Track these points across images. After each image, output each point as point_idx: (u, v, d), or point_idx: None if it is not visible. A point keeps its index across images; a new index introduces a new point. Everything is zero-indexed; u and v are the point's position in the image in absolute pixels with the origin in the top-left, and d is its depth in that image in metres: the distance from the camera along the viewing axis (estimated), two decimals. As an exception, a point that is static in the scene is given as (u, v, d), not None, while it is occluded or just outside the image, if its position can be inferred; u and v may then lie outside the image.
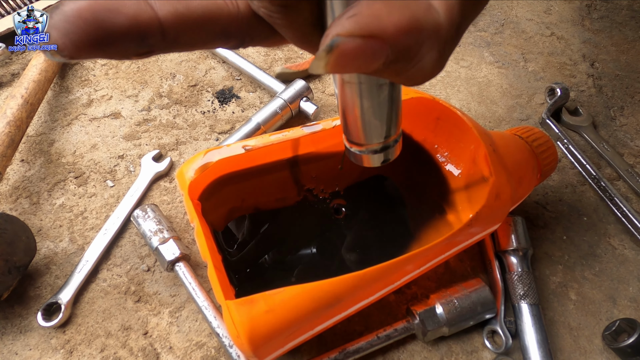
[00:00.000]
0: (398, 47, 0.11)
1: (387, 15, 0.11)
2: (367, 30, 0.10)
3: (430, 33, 0.12)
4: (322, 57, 0.11)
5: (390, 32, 0.11)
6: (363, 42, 0.10)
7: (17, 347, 0.29)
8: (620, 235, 0.36)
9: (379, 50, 0.11)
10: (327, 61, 0.11)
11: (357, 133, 0.17)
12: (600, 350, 0.30)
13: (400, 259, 0.24)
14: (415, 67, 0.12)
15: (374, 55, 0.11)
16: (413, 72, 0.12)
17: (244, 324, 0.21)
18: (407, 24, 0.11)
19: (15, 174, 0.38)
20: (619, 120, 0.45)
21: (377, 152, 0.18)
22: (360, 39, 0.10)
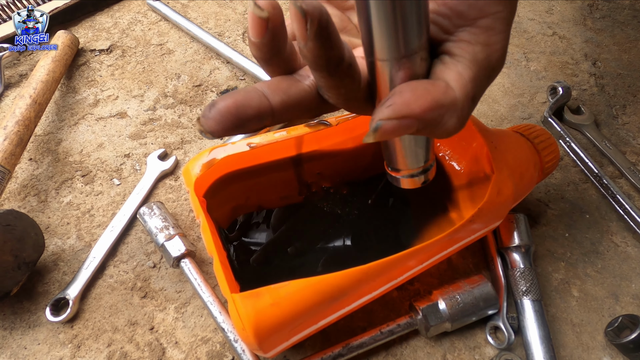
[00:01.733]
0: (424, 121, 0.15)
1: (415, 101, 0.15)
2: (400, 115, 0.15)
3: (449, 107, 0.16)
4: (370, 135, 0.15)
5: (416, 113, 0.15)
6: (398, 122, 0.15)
7: (25, 342, 0.30)
8: (622, 232, 0.36)
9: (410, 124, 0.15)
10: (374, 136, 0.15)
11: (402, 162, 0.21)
12: (602, 346, 0.30)
13: (403, 254, 0.24)
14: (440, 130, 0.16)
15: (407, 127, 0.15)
16: (439, 133, 0.17)
17: (250, 316, 0.21)
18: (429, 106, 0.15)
19: (23, 172, 0.39)
20: (621, 119, 0.45)
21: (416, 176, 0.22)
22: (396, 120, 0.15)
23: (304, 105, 0.18)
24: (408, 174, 0.22)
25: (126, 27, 0.52)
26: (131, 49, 0.50)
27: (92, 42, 0.50)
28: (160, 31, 0.52)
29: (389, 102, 0.15)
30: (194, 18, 0.54)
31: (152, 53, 0.49)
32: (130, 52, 0.49)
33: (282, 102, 0.18)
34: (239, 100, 0.16)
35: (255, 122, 0.17)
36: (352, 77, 0.16)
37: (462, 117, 0.17)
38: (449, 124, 0.16)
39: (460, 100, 0.16)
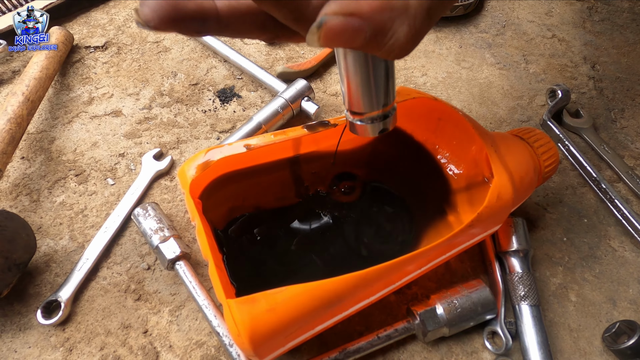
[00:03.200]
0: (373, 23, 0.14)
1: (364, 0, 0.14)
2: (347, 10, 0.14)
3: (400, 11, 0.15)
4: (314, 32, 0.14)
5: (365, 11, 0.14)
6: (345, 20, 0.14)
7: (16, 345, 0.29)
8: (620, 237, 0.36)
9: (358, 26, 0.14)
10: (318, 36, 0.14)
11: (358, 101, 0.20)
12: (600, 351, 0.30)
13: (401, 259, 0.24)
14: (391, 40, 0.15)
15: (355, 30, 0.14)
16: (390, 44, 0.15)
17: (245, 322, 0.21)
18: (379, 4, 0.14)
19: (15, 171, 0.38)
20: (619, 123, 0.45)
21: (375, 121, 0.21)
22: (342, 16, 0.14)
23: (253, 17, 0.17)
24: (368, 117, 0.21)
25: (122, 24, 0.51)
26: (127, 46, 0.49)
27: (87, 39, 0.49)
28: (156, 28, 0.51)
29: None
30: (191, 15, 0.53)
31: (148, 51, 0.49)
32: (126, 50, 0.49)
33: (228, 7, 0.16)
34: None
35: (196, 21, 0.16)
36: None
37: (414, 27, 0.16)
38: (399, 32, 0.15)
39: (413, 6, 0.15)
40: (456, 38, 0.52)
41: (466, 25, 0.54)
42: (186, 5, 0.15)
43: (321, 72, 0.47)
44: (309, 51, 0.49)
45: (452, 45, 0.51)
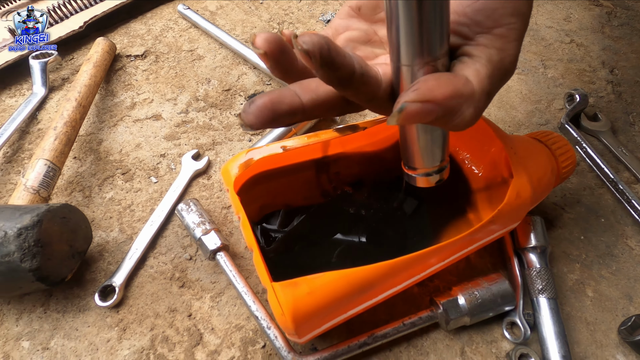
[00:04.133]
0: (445, 108, 0.17)
1: (437, 88, 0.17)
2: (424, 98, 0.17)
3: (467, 98, 0.18)
4: (395, 115, 0.17)
5: (439, 99, 0.17)
6: (421, 105, 0.17)
7: (77, 324, 0.32)
8: (637, 236, 0.37)
9: (432, 110, 0.17)
10: (398, 118, 0.17)
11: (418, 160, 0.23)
12: (616, 344, 0.32)
13: (425, 252, 0.26)
14: (458, 119, 0.18)
15: (429, 113, 0.17)
16: (457, 122, 0.19)
17: (289, 303, 0.23)
18: (449, 94, 0.17)
19: (69, 170, 0.42)
20: (637, 126, 0.46)
21: (432, 175, 0.24)
22: (420, 103, 0.17)
23: (330, 104, 0.21)
24: (424, 172, 0.24)
25: (159, 34, 0.55)
26: (164, 55, 0.53)
27: (128, 48, 0.53)
28: (190, 38, 0.55)
29: (414, 87, 0.17)
30: (222, 25, 0.56)
31: (184, 59, 0.52)
32: (163, 58, 0.52)
33: (311, 100, 0.20)
34: (274, 97, 0.19)
35: (288, 117, 0.20)
36: (367, 83, 0.19)
37: (478, 108, 0.19)
38: (466, 113, 0.18)
39: (477, 93, 0.18)
40: (475, 44, 0.54)
41: (485, 31, 0.56)
42: (281, 107, 0.19)
43: (345, 77, 0.50)
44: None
45: (471, 51, 0.53)
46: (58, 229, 0.31)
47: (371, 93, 0.19)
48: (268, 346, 0.31)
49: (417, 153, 0.23)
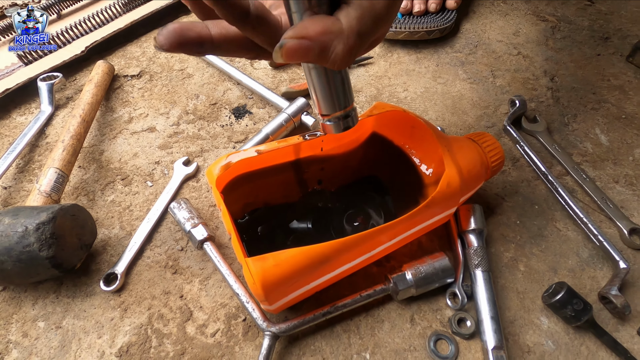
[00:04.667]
0: (318, 43, 0.20)
1: (311, 26, 0.20)
2: (299, 34, 0.20)
3: (336, 34, 0.21)
4: (277, 51, 0.20)
5: (312, 34, 0.20)
6: (298, 42, 0.20)
7: (85, 306, 0.38)
8: (564, 220, 0.44)
9: (307, 45, 0.20)
10: (280, 53, 0.20)
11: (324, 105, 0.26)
12: (540, 308, 0.38)
13: (373, 230, 0.32)
14: (332, 54, 0.21)
15: (306, 48, 0.20)
16: (332, 58, 0.21)
17: (258, 274, 0.29)
18: (320, 29, 0.20)
19: (74, 177, 0.48)
20: (571, 126, 0.52)
21: (340, 120, 0.26)
22: (296, 39, 0.20)
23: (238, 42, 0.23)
24: (334, 117, 0.26)
25: (152, 56, 0.62)
26: (157, 74, 0.59)
27: (125, 69, 0.60)
28: (181, 58, 0.62)
29: (293, 27, 0.20)
30: None
31: (175, 77, 0.59)
32: (157, 77, 0.59)
33: (219, 34, 0.23)
34: (185, 25, 0.22)
35: (196, 45, 0.22)
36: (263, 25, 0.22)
37: (348, 45, 0.21)
38: (337, 48, 0.21)
39: (345, 30, 0.21)
40: (434, 58, 0.61)
41: (443, 46, 0.63)
42: (188, 33, 0.22)
43: (318, 90, 0.56)
44: (308, 73, 0.59)
45: (430, 64, 0.60)
46: (69, 224, 0.36)
47: (271, 35, 0.22)
48: (248, 319, 0.37)
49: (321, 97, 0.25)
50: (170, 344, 0.36)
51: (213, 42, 0.23)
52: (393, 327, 0.37)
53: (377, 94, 0.56)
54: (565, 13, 0.69)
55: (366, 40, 0.22)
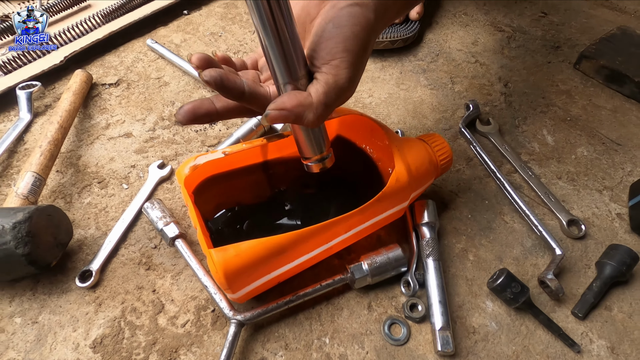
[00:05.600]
0: (294, 113, 0.27)
1: (288, 101, 0.27)
2: (279, 107, 0.27)
3: (307, 106, 0.28)
4: (264, 118, 0.27)
5: (288, 107, 0.27)
6: (278, 112, 0.27)
7: (60, 302, 0.40)
8: (511, 213, 0.48)
9: (286, 114, 0.27)
10: (265, 119, 0.27)
11: (306, 152, 0.34)
12: (486, 293, 0.41)
13: (328, 222, 0.35)
14: (306, 120, 0.28)
15: (285, 117, 0.27)
16: (306, 122, 0.28)
17: (221, 263, 0.32)
18: (295, 103, 0.27)
19: (52, 181, 0.50)
20: (521, 128, 0.57)
21: (318, 162, 0.34)
22: (277, 110, 0.27)
23: (237, 109, 0.32)
24: (314, 160, 0.34)
25: (130, 65, 0.64)
26: (135, 82, 0.62)
27: (103, 78, 0.62)
28: (158, 67, 0.64)
29: (275, 100, 0.27)
30: (185, 56, 0.66)
31: (152, 85, 0.61)
32: (134, 85, 0.61)
33: (222, 107, 0.31)
34: (196, 104, 0.30)
35: (206, 117, 0.31)
36: (256, 98, 0.29)
37: (317, 114, 0.28)
38: (309, 116, 0.28)
39: (315, 103, 0.28)
40: (397, 66, 0.65)
41: (407, 55, 0.67)
42: (199, 111, 0.30)
43: (288, 97, 0.60)
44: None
45: (393, 72, 0.64)
46: (45, 223, 0.39)
47: (261, 104, 0.30)
48: (217, 310, 0.40)
49: (305, 147, 0.33)
50: (143, 335, 0.38)
51: (218, 113, 0.31)
52: (351, 313, 0.40)
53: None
54: (520, 24, 0.74)
55: (332, 107, 0.29)
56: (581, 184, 0.51)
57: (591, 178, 0.51)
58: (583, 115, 0.59)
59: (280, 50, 0.27)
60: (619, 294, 0.42)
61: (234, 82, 0.27)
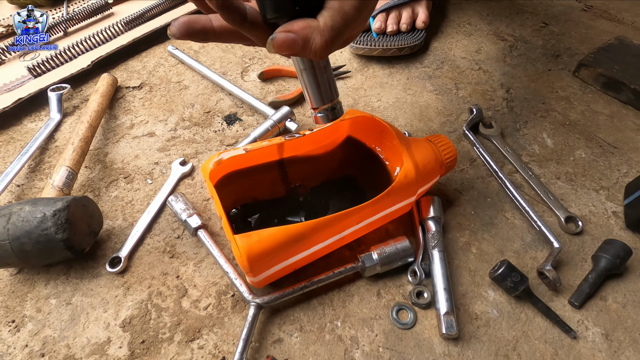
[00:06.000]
0: (300, 35, 0.26)
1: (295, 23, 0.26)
2: (286, 29, 0.26)
3: (314, 28, 0.26)
4: (269, 43, 0.25)
5: (295, 29, 0.26)
6: (285, 35, 0.25)
7: (92, 286, 0.43)
8: (512, 210, 0.50)
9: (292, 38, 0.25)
10: (271, 45, 0.25)
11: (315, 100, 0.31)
12: (488, 283, 0.44)
13: (341, 213, 0.38)
14: (313, 45, 0.26)
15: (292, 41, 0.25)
16: (313, 48, 0.26)
17: (244, 248, 0.35)
18: (302, 25, 0.26)
19: (81, 176, 0.53)
20: (522, 131, 0.60)
21: (328, 112, 0.32)
22: (284, 33, 0.25)
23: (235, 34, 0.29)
24: (322, 109, 0.31)
25: (152, 69, 0.68)
26: (157, 86, 0.66)
27: (127, 81, 0.66)
28: (178, 72, 0.68)
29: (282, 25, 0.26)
30: (204, 61, 0.70)
31: (172, 88, 0.65)
32: (156, 88, 0.65)
33: (220, 26, 0.29)
34: (193, 17, 0.28)
35: (201, 34, 0.28)
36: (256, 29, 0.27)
37: (324, 37, 0.26)
38: (317, 40, 0.26)
39: (322, 26, 0.26)
40: (405, 72, 0.69)
41: (413, 62, 0.71)
42: (195, 25, 0.27)
43: (301, 100, 0.63)
44: (293, 85, 0.66)
45: (401, 78, 0.68)
46: (80, 213, 0.42)
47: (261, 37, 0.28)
48: (236, 295, 0.43)
49: (310, 92, 0.31)
50: (168, 316, 0.41)
51: (215, 32, 0.28)
52: (362, 300, 0.42)
53: (354, 103, 0.64)
54: (522, 33, 0.78)
55: (339, 35, 0.28)
56: (579, 184, 0.53)
57: (588, 178, 0.54)
58: (581, 120, 0.62)
59: None
60: (613, 286, 0.44)
61: (236, 4, 0.26)
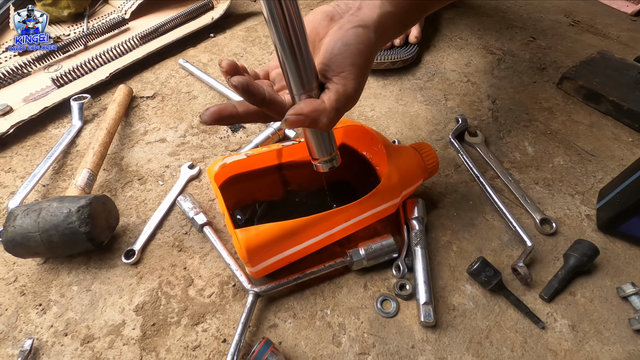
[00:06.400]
0: (309, 117, 0.31)
1: (305, 107, 0.31)
2: (297, 112, 0.31)
3: (322, 111, 0.32)
4: (283, 122, 0.31)
5: (305, 112, 0.31)
6: (296, 116, 0.31)
7: (109, 275, 0.48)
8: (492, 212, 0.55)
9: (303, 119, 0.31)
10: (284, 124, 0.31)
11: (315, 153, 0.38)
12: (466, 278, 0.48)
13: (329, 212, 0.43)
14: (320, 123, 0.32)
15: (302, 121, 0.31)
16: (320, 126, 0.32)
17: (244, 240, 0.40)
18: (311, 109, 0.31)
19: (99, 178, 0.59)
20: (505, 140, 0.64)
21: (327, 163, 0.38)
22: (295, 115, 0.31)
23: (257, 114, 0.35)
24: (322, 161, 0.38)
25: (164, 80, 0.74)
26: (168, 96, 0.71)
27: (141, 91, 0.72)
28: (188, 83, 0.74)
29: (293, 107, 0.31)
30: (212, 73, 0.76)
31: (183, 98, 0.71)
32: (168, 98, 0.71)
33: (244, 111, 0.34)
34: (221, 107, 0.33)
35: (229, 119, 0.33)
36: (274, 105, 0.33)
37: (330, 117, 0.32)
38: (323, 120, 0.31)
39: (327, 109, 0.31)
40: (397, 84, 0.74)
41: (405, 74, 0.76)
42: (224, 113, 0.33)
43: (300, 110, 0.68)
44: (293, 96, 0.71)
45: (393, 89, 0.73)
46: (100, 209, 0.47)
47: (278, 110, 0.33)
48: (237, 285, 0.47)
49: (313, 148, 0.38)
50: (176, 303, 0.46)
51: (240, 116, 0.34)
52: (350, 291, 0.47)
53: (349, 112, 0.69)
54: (510, 47, 0.83)
55: (342, 112, 0.34)
56: (556, 189, 0.58)
57: (565, 184, 0.58)
58: (562, 129, 0.66)
59: (296, 65, 0.31)
60: (582, 282, 0.48)
61: (257, 88, 0.31)
